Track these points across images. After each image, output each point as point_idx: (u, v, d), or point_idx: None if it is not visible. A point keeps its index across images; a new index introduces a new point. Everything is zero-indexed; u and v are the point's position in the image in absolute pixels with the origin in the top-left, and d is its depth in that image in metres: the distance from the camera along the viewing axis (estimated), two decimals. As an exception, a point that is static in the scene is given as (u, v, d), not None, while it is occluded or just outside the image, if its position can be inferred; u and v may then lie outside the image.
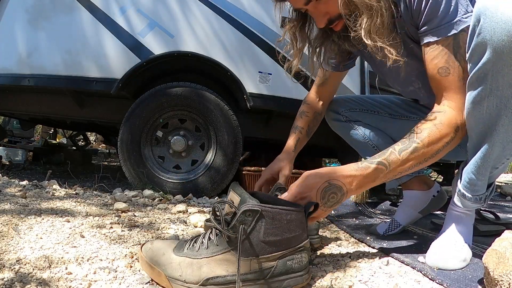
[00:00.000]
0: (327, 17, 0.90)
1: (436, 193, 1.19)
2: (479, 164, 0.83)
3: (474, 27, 0.73)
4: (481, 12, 0.71)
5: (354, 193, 0.82)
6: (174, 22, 2.04)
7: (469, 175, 0.86)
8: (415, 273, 0.85)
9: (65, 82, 2.01)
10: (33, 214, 1.17)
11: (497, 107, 0.75)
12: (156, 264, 0.75)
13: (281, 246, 0.74)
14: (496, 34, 0.69)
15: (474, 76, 0.76)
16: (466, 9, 0.81)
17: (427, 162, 0.85)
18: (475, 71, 0.75)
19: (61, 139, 5.56)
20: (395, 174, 0.83)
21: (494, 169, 0.84)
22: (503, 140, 0.78)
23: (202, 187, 2.00)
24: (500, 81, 0.72)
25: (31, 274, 0.76)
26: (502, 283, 0.64)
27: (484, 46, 0.71)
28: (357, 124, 1.26)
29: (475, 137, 0.82)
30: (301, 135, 1.21)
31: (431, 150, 0.82)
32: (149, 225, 1.21)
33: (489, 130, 0.78)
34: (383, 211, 1.77)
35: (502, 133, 0.77)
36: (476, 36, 0.73)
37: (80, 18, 2.03)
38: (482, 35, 0.71)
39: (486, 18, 0.70)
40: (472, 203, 0.89)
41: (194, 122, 2.08)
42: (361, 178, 0.81)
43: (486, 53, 0.71)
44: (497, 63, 0.71)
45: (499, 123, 0.76)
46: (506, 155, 0.81)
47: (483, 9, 0.71)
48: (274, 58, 2.06)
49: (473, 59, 0.75)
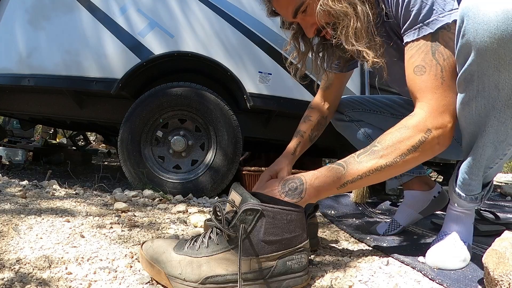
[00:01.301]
0: (315, 27, 0.94)
1: (437, 194, 1.19)
2: (471, 164, 0.82)
3: (460, 28, 0.73)
4: (464, 13, 0.71)
5: (316, 191, 0.79)
6: (174, 22, 2.04)
7: (463, 175, 0.86)
8: (415, 273, 0.85)
9: (65, 82, 2.01)
10: (33, 214, 1.17)
11: (485, 108, 0.74)
12: (156, 262, 0.75)
13: (281, 246, 0.74)
14: (479, 35, 0.68)
15: (461, 77, 0.75)
16: (444, 8, 0.79)
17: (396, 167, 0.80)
18: (462, 72, 0.75)
19: (61, 139, 5.56)
20: (355, 177, 0.79)
21: (488, 169, 0.83)
22: (494, 141, 0.77)
23: (202, 187, 2.00)
24: (486, 82, 0.72)
25: (31, 274, 0.76)
26: (502, 283, 0.64)
27: (469, 48, 0.71)
28: (359, 124, 1.27)
29: (467, 137, 0.83)
30: (302, 139, 1.21)
31: (392, 153, 0.79)
32: (149, 225, 1.21)
33: (479, 130, 0.78)
34: (383, 211, 1.77)
35: (492, 134, 0.76)
36: (461, 38, 0.72)
37: (80, 18, 2.03)
38: (466, 36, 0.71)
39: (469, 19, 0.70)
40: (468, 203, 0.89)
41: (194, 122, 2.08)
42: (321, 177, 0.80)
43: (471, 54, 0.71)
44: (481, 65, 0.70)
45: (488, 123, 0.76)
46: (499, 155, 0.81)
47: (465, 9, 0.71)
48: (274, 58, 2.06)
49: (460, 60, 0.75)
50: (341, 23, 0.85)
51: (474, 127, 0.79)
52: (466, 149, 0.85)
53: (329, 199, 1.91)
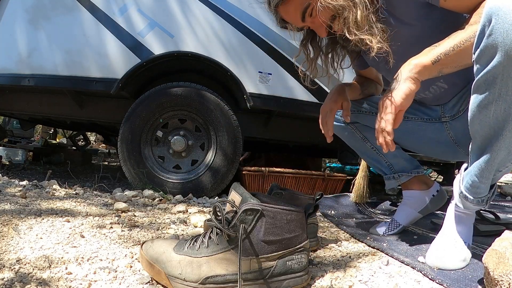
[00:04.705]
0: (325, 26, 0.96)
1: (435, 192, 1.19)
2: (483, 167, 0.81)
3: (484, 27, 0.71)
4: (493, 12, 0.69)
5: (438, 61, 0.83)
6: (174, 22, 2.04)
7: (472, 178, 0.84)
8: (415, 273, 0.85)
9: (65, 82, 2.01)
10: (33, 214, 1.17)
11: (505, 112, 0.73)
12: (156, 262, 0.75)
13: (281, 246, 0.74)
14: (509, 36, 0.66)
15: (481, 78, 0.73)
16: None
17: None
18: (483, 74, 0.72)
19: (61, 139, 5.56)
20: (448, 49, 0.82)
21: (497, 172, 0.83)
22: (509, 145, 0.76)
23: (202, 187, 2.00)
24: (510, 86, 0.70)
25: (31, 274, 0.76)
26: (502, 283, 0.64)
27: (495, 49, 0.69)
28: (355, 126, 1.27)
29: (480, 140, 0.81)
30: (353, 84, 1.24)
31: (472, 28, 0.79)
32: (149, 225, 1.21)
33: (495, 134, 0.76)
34: (383, 211, 1.77)
35: (509, 138, 0.75)
36: (486, 37, 0.70)
37: (80, 18, 2.03)
38: (493, 36, 0.69)
39: (499, 19, 0.68)
40: (474, 205, 0.88)
41: (194, 122, 2.08)
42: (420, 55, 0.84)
43: (496, 55, 0.69)
44: (508, 67, 0.68)
45: (506, 128, 0.74)
46: (511, 159, 0.80)
47: (495, 9, 0.69)
48: (274, 58, 2.06)
49: (482, 61, 0.73)
50: (341, 16, 0.90)
51: (489, 130, 0.77)
52: (476, 152, 0.83)
53: (329, 199, 1.91)
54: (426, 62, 0.83)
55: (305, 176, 2.19)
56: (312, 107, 2.06)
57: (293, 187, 2.18)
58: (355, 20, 0.88)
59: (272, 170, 2.17)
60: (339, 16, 0.91)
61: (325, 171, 2.65)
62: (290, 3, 0.95)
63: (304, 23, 0.98)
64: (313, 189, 2.22)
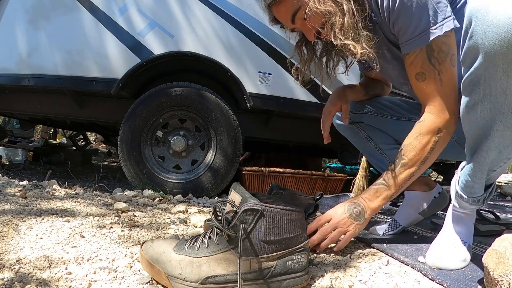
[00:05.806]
0: (314, 31, 0.98)
1: (437, 194, 1.19)
2: (474, 167, 0.82)
3: (467, 29, 0.71)
4: (472, 14, 0.69)
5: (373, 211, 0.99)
6: (174, 22, 2.04)
7: (465, 178, 0.85)
8: (415, 273, 0.85)
9: (65, 82, 2.02)
10: (33, 214, 1.17)
11: (491, 112, 0.72)
12: (156, 262, 0.75)
13: (281, 246, 0.74)
14: (488, 38, 0.66)
15: (467, 80, 0.74)
16: (436, 19, 0.85)
17: (424, 167, 0.96)
18: (468, 75, 0.73)
19: (61, 139, 5.56)
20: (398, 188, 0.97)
21: (491, 171, 0.83)
22: (499, 145, 0.76)
23: (202, 187, 2.00)
24: (493, 87, 0.70)
25: (31, 274, 0.76)
26: (502, 283, 0.64)
27: (476, 50, 0.69)
28: (360, 126, 1.28)
29: (471, 140, 0.81)
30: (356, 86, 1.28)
31: (418, 160, 0.94)
32: (149, 225, 1.21)
33: (484, 134, 0.76)
34: (383, 211, 1.77)
35: (497, 138, 0.75)
36: (468, 39, 0.70)
37: (80, 18, 2.03)
38: (473, 38, 0.69)
39: (478, 21, 0.67)
40: (470, 205, 0.88)
41: (194, 122, 2.08)
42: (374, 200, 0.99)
43: (478, 57, 0.69)
44: (489, 68, 0.68)
45: (493, 128, 0.74)
46: (503, 159, 0.80)
47: (474, 11, 0.68)
48: (274, 58, 2.06)
49: (466, 63, 0.73)
50: (328, 22, 0.92)
51: (478, 130, 0.77)
52: (469, 151, 0.84)
53: (329, 199, 1.91)
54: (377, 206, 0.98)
55: (305, 176, 2.19)
56: (312, 107, 2.06)
57: (293, 187, 2.18)
58: (341, 26, 0.90)
59: (272, 170, 2.17)
60: (327, 22, 0.93)
61: (325, 171, 2.65)
62: (282, 4, 0.97)
63: (294, 25, 1.00)
64: (313, 189, 2.22)
